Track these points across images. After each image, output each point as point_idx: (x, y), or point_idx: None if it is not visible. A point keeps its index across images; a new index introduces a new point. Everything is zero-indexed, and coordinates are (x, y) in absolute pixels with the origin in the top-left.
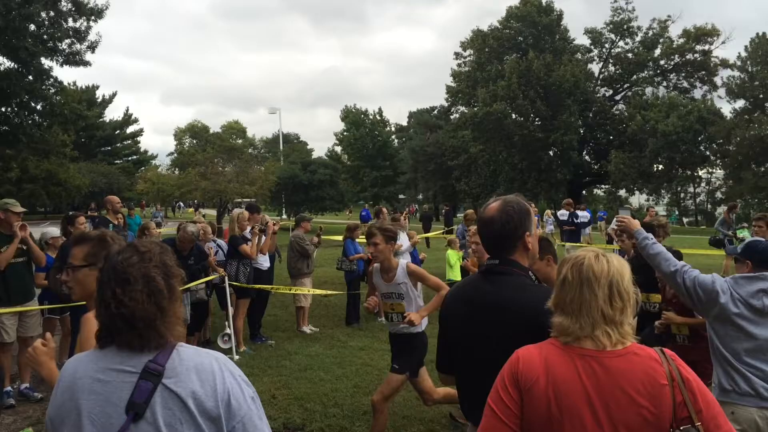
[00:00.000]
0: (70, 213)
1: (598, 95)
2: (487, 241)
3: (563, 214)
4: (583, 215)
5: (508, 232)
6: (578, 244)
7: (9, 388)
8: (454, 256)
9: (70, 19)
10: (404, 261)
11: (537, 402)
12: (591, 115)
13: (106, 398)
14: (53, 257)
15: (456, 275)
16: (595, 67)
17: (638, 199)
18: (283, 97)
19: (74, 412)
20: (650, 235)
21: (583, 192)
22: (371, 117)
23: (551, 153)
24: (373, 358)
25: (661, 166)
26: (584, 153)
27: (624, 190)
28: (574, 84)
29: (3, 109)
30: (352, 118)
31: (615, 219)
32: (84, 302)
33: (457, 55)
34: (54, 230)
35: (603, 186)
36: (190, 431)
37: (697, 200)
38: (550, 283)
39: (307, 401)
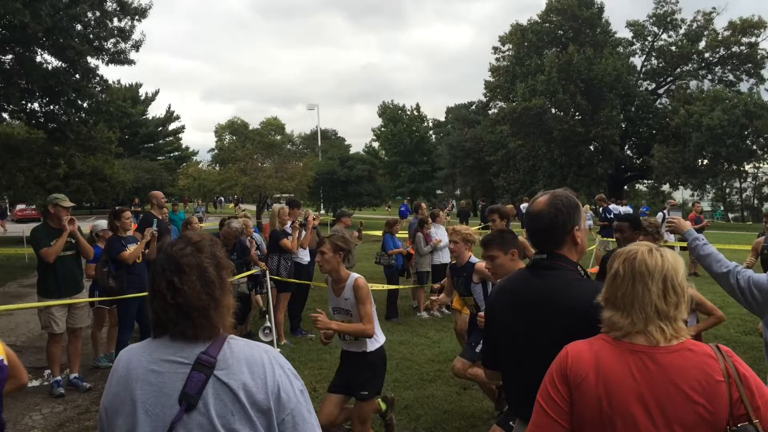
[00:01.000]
0: (116, 208)
1: (641, 89)
2: (534, 236)
3: (607, 209)
4: (625, 211)
5: (557, 226)
6: (612, 239)
7: (59, 378)
8: None
9: (115, 19)
10: (355, 275)
11: (587, 398)
12: (633, 109)
13: (159, 389)
14: (102, 248)
15: None
16: (637, 61)
17: (682, 195)
18: (321, 94)
19: (129, 403)
20: (701, 236)
21: (625, 187)
22: (409, 113)
23: (592, 148)
24: (413, 353)
25: (705, 161)
26: (626, 147)
27: (667, 185)
28: (616, 78)
29: (51, 107)
30: (390, 113)
31: (665, 220)
32: (129, 295)
33: (495, 49)
34: (104, 223)
35: (645, 181)
36: (241, 423)
37: (744, 196)
38: None
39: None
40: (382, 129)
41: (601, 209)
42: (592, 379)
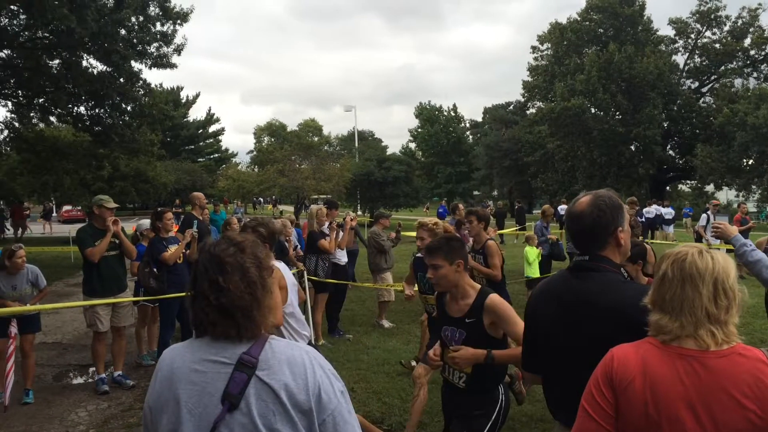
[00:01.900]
0: (158, 209)
1: (683, 87)
2: (576, 237)
3: (649, 211)
4: (667, 212)
5: (600, 227)
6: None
7: (103, 375)
8: (532, 253)
9: (157, 23)
10: None
11: (633, 403)
12: (675, 108)
13: (202, 388)
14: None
15: (534, 272)
16: (680, 59)
17: (726, 195)
18: (359, 95)
19: (173, 402)
20: (749, 242)
21: (667, 188)
22: (445, 113)
23: (633, 148)
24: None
25: (751, 161)
26: (668, 147)
27: (711, 186)
28: (658, 76)
29: (97, 111)
30: (427, 114)
31: (709, 224)
32: (168, 294)
33: (534, 49)
34: (149, 223)
35: (688, 182)
36: (282, 423)
37: None
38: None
39: (385, 395)
40: (419, 130)
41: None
42: (639, 383)
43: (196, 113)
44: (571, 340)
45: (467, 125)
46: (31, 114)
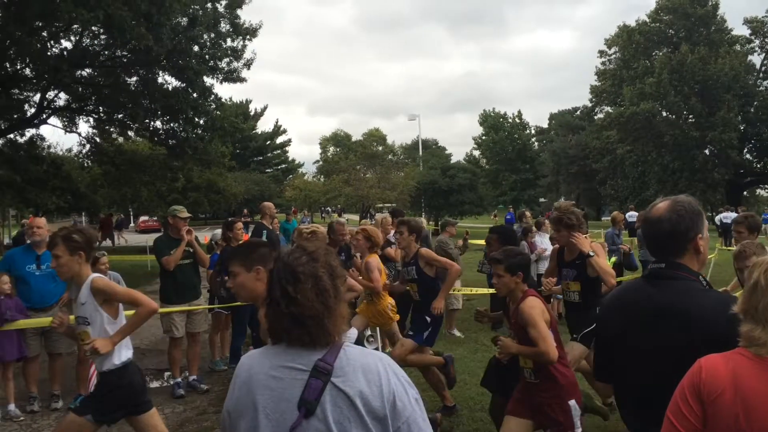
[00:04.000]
0: (229, 219)
1: (760, 89)
2: (653, 244)
3: (726, 217)
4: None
5: (679, 234)
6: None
7: (179, 380)
8: None
9: (228, 39)
10: (93, 275)
11: (722, 416)
12: (752, 110)
13: (279, 394)
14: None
15: None
16: (756, 59)
17: None
18: (422, 104)
19: (251, 407)
20: None
21: (744, 193)
22: (510, 120)
23: (707, 152)
24: None
25: None
26: (745, 151)
27: None
28: (733, 78)
29: (172, 125)
30: (491, 121)
31: None
32: (241, 303)
33: (601, 53)
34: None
35: (767, 186)
36: (357, 430)
37: None
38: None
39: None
40: (483, 137)
41: None
42: (729, 395)
43: (264, 125)
44: (647, 350)
45: (532, 132)
46: (111, 129)
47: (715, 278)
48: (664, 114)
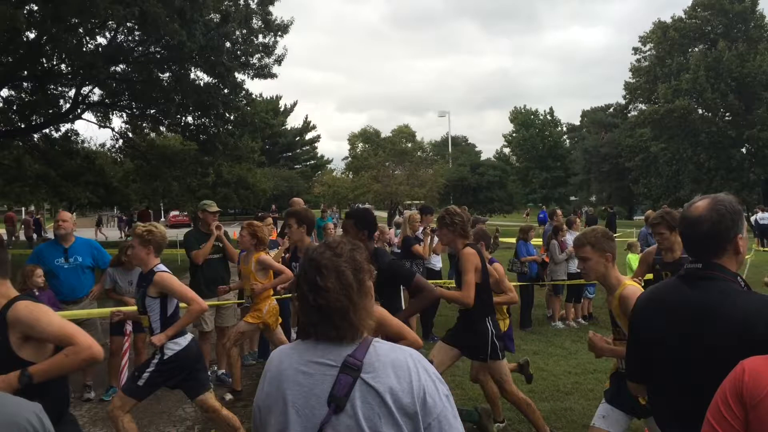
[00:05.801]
0: (259, 214)
1: None
2: (692, 243)
3: (763, 218)
4: None
5: (719, 234)
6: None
7: (208, 374)
8: (635, 260)
9: (260, 35)
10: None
11: (765, 421)
12: None
13: (309, 390)
14: None
15: None
16: None
17: None
18: (452, 101)
19: (281, 402)
20: None
21: None
22: (541, 117)
23: (743, 150)
24: (548, 363)
25: None
26: None
27: None
28: None
29: (203, 120)
30: (522, 119)
31: None
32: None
33: (635, 50)
34: None
35: None
36: (387, 426)
37: None
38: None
39: (481, 402)
40: (514, 134)
41: None
42: None
43: (293, 121)
44: (687, 352)
45: (564, 129)
46: (143, 124)
47: (751, 279)
48: (700, 111)
